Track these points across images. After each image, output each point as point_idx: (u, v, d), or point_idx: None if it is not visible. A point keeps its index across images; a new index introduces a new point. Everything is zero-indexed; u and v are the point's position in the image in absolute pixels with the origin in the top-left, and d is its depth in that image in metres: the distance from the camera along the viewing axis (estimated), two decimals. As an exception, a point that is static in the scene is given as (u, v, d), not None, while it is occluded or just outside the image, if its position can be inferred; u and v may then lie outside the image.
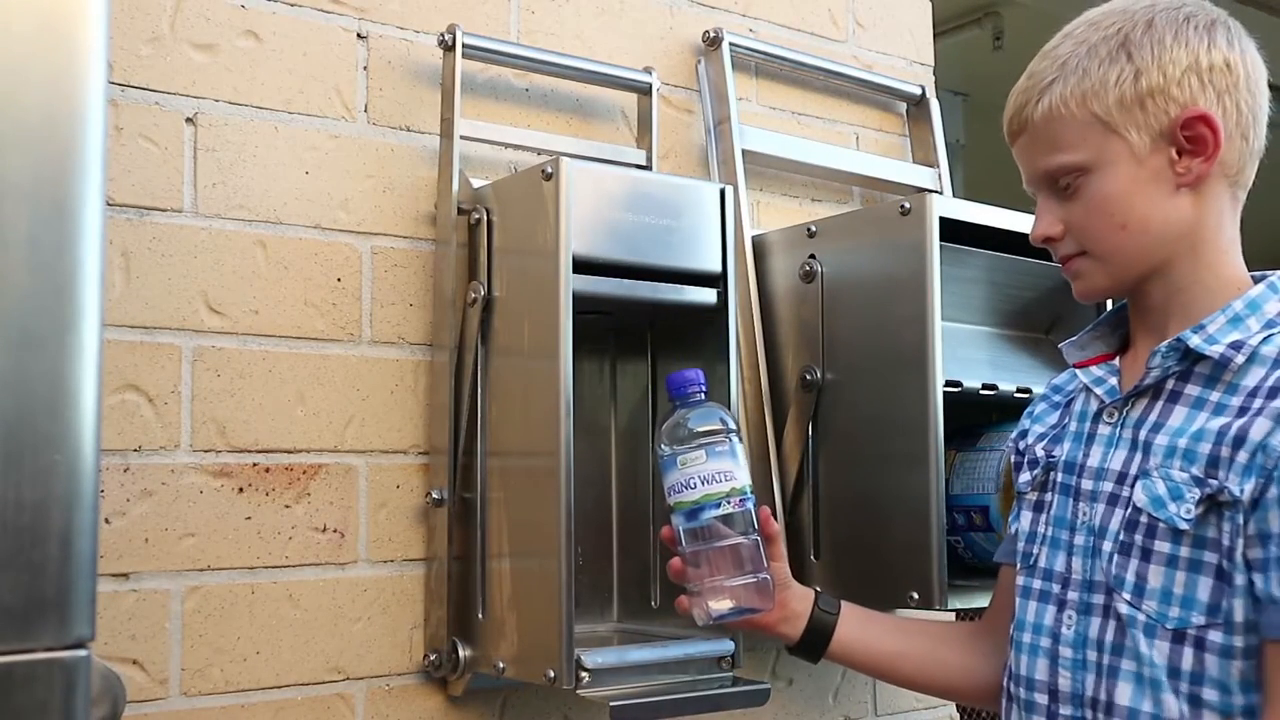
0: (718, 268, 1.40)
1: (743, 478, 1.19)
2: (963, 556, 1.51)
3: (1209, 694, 0.98)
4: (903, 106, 1.89)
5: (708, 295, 1.40)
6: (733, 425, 1.21)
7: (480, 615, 1.33)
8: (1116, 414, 1.10)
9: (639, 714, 1.26)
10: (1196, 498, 1.00)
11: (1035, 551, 1.14)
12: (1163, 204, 1.07)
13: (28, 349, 0.71)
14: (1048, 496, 1.15)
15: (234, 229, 1.31)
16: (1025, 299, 1.65)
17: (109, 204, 1.23)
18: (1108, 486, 1.08)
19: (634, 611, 1.47)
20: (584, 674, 1.24)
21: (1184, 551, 1.00)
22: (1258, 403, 1.00)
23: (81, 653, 0.72)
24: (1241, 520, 0.97)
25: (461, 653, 1.34)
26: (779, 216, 1.73)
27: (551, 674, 1.24)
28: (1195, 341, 1.05)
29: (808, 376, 1.54)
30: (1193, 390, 1.05)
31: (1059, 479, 1.14)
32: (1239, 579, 0.97)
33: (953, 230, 1.46)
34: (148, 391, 1.25)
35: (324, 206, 1.36)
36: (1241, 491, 0.97)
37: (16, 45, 0.72)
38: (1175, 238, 1.07)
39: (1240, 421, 1.00)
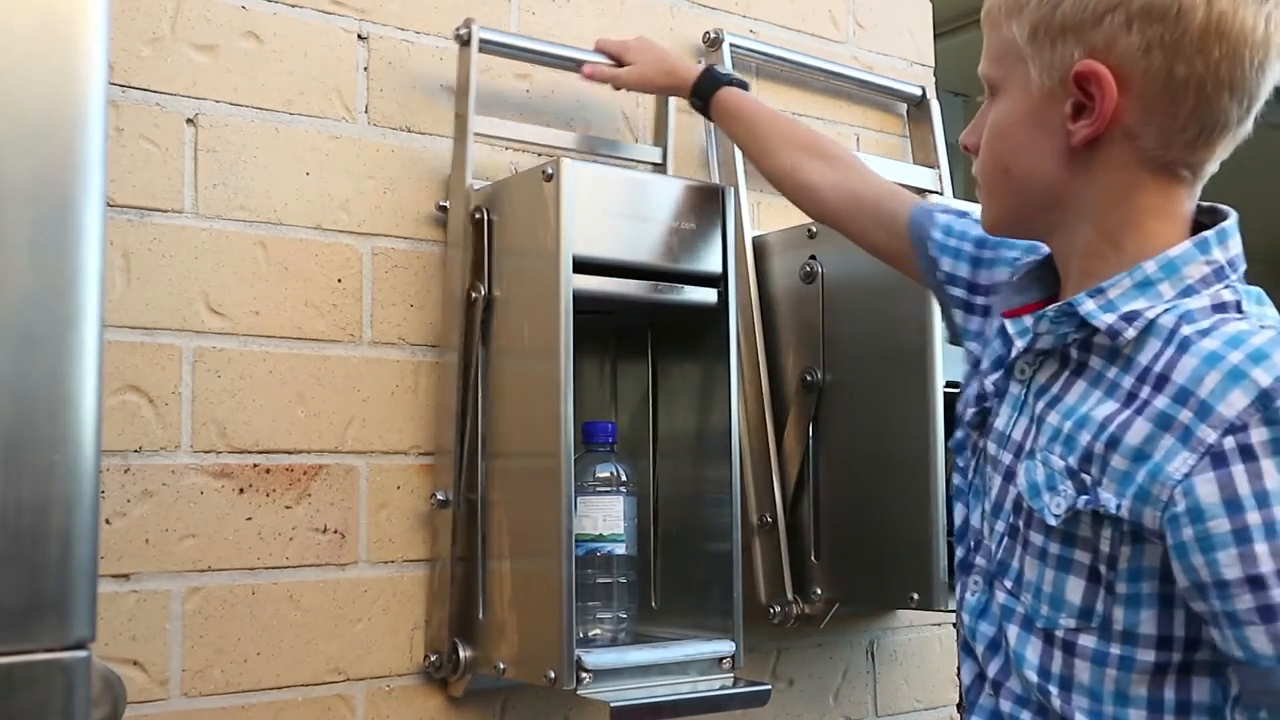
0: (718, 268, 1.40)
1: (617, 526, 1.36)
2: (963, 557, 1.51)
3: (1079, 701, 0.87)
4: (903, 107, 1.89)
5: (708, 295, 1.40)
6: (624, 478, 1.38)
7: (481, 616, 1.33)
8: (1027, 371, 0.95)
9: (639, 714, 1.26)
10: (1068, 491, 0.87)
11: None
12: (1049, 162, 0.92)
13: (28, 349, 0.71)
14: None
15: (234, 230, 1.31)
16: (1025, 299, 1.65)
17: (109, 205, 1.23)
18: (1006, 458, 0.95)
19: (634, 612, 1.47)
20: (584, 674, 1.24)
21: (1053, 548, 0.89)
22: (1145, 391, 0.85)
23: (82, 653, 0.72)
24: (1126, 531, 0.84)
25: (462, 653, 1.34)
26: (779, 217, 1.72)
27: (552, 675, 1.24)
28: (1087, 308, 0.89)
29: (808, 377, 1.54)
30: (1095, 364, 0.90)
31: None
32: (1122, 588, 0.85)
33: (953, 231, 1.46)
34: (148, 392, 1.25)
35: (324, 207, 1.36)
36: (1118, 508, 0.84)
37: (17, 46, 0.72)
38: (1062, 201, 0.92)
39: (1123, 415, 0.85)
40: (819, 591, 1.55)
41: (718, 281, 1.41)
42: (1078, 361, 0.92)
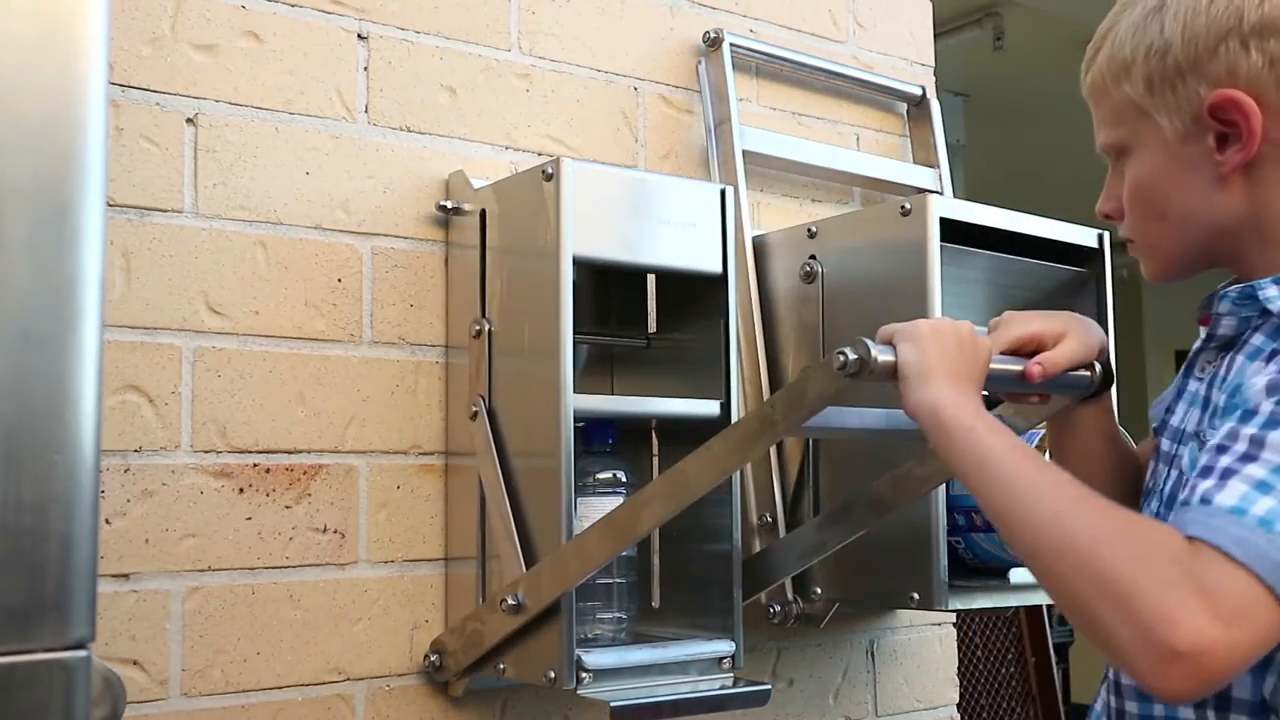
0: (718, 268, 1.40)
1: None
2: (963, 557, 1.51)
3: (1237, 692, 0.87)
4: (903, 107, 1.89)
5: (710, 408, 1.39)
6: (624, 479, 1.36)
7: (481, 616, 1.33)
8: (1208, 369, 0.96)
9: (639, 714, 1.25)
10: None
11: None
12: (1206, 195, 0.93)
13: (28, 350, 0.71)
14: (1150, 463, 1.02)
15: (234, 229, 1.31)
16: (1026, 299, 1.65)
17: (109, 204, 1.23)
18: (1173, 447, 0.97)
19: (634, 612, 1.47)
20: (584, 674, 1.24)
21: None
22: None
23: (82, 653, 0.72)
24: None
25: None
26: (779, 217, 1.72)
27: (552, 675, 1.24)
28: (1269, 293, 0.90)
29: (808, 377, 1.54)
30: (1256, 340, 0.91)
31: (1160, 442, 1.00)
32: None
33: (953, 230, 1.46)
34: (148, 392, 1.25)
35: (324, 207, 1.36)
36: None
37: (17, 46, 0.72)
38: (1229, 230, 0.94)
39: (1255, 366, 0.87)
40: (819, 591, 1.55)
41: (718, 283, 1.40)
42: (1243, 341, 0.92)
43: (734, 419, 1.37)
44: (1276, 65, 0.88)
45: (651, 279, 1.48)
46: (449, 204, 1.42)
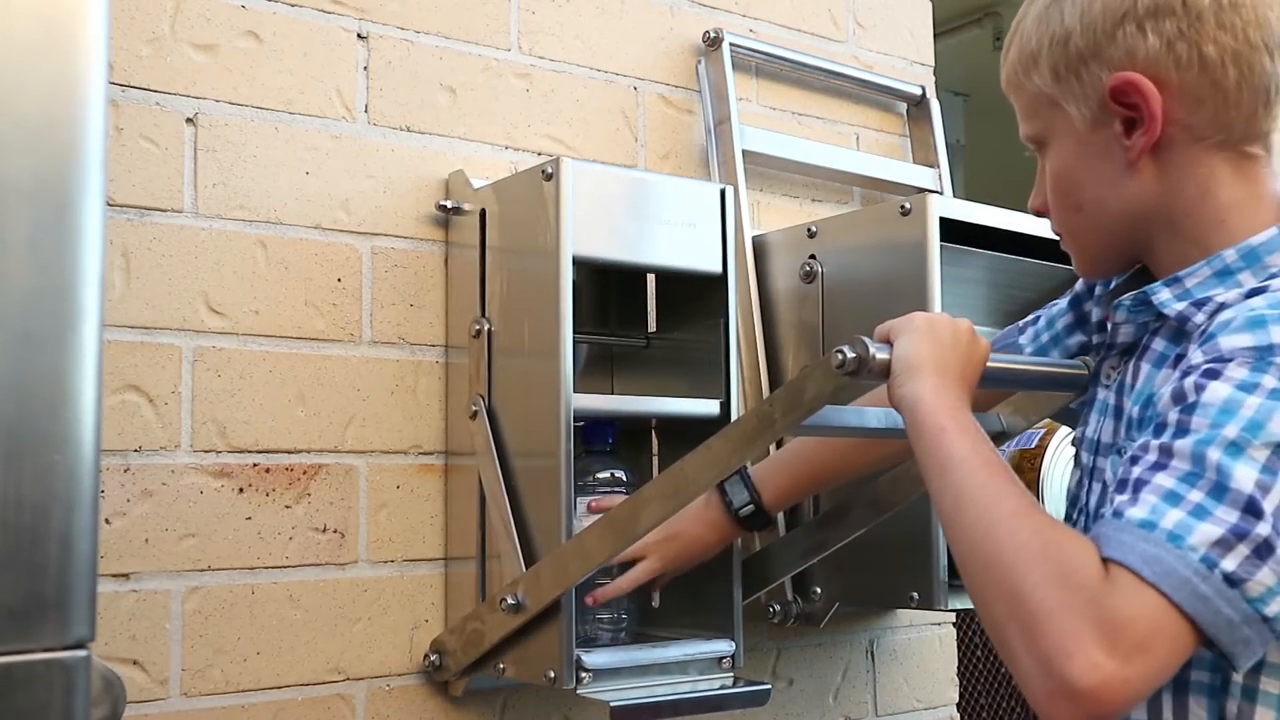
0: (718, 268, 1.40)
1: None
2: (963, 557, 1.51)
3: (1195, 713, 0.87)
4: (903, 107, 1.89)
5: (710, 408, 1.39)
6: (624, 479, 1.37)
7: (480, 615, 1.33)
8: (1113, 375, 0.97)
9: (639, 714, 1.25)
10: None
11: None
12: (1118, 183, 0.92)
13: (28, 349, 0.71)
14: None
15: (234, 229, 1.31)
16: (1025, 299, 1.65)
17: (109, 204, 1.23)
18: (1091, 459, 0.97)
19: (634, 612, 1.47)
20: (584, 674, 1.24)
21: None
22: (1189, 349, 0.85)
23: (81, 653, 0.72)
24: None
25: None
26: (779, 216, 1.73)
27: (552, 674, 1.24)
28: (1161, 297, 0.90)
29: (808, 377, 1.54)
30: (1158, 345, 0.92)
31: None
32: None
33: (953, 230, 1.46)
34: (148, 392, 1.25)
35: (324, 207, 1.37)
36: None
37: (17, 46, 0.72)
38: (1143, 218, 0.93)
39: (1164, 373, 0.88)
40: (819, 591, 1.55)
41: (719, 284, 1.40)
42: (1144, 347, 0.93)
43: (734, 418, 1.37)
44: (1174, 46, 0.87)
45: (651, 279, 1.48)
46: (449, 204, 1.43)
